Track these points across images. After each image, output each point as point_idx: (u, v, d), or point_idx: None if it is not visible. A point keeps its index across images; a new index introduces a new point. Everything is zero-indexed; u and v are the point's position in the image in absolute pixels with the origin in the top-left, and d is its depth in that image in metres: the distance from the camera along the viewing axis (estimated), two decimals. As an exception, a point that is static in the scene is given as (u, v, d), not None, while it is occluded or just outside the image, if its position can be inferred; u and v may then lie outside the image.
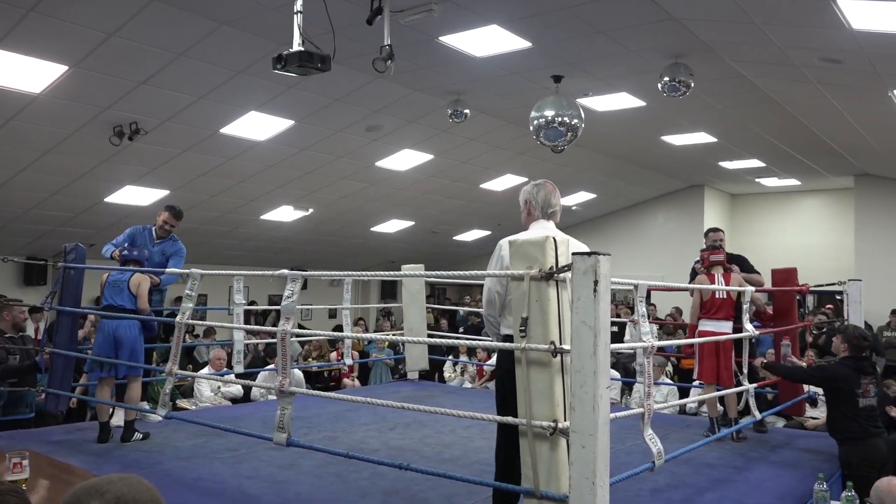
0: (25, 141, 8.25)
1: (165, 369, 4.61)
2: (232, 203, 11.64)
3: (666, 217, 16.47)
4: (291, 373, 4.21)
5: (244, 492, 3.95)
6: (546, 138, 7.85)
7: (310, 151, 10.07)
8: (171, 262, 5.98)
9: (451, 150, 11.01)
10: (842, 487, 4.07)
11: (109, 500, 1.22)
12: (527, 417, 2.79)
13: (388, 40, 5.65)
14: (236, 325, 5.50)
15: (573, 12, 6.19)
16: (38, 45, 6.40)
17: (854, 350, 4.87)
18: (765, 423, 5.83)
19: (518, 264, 2.87)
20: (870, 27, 5.67)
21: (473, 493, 3.86)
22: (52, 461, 4.23)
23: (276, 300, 9.72)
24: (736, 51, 7.07)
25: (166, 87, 7.52)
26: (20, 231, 11.14)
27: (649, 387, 3.47)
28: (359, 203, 12.87)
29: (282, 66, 4.97)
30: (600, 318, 2.57)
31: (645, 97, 8.70)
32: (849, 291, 6.06)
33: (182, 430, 5.28)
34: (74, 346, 5.64)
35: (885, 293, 12.04)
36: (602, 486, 2.56)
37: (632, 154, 12.55)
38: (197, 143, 9.11)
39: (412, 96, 8.68)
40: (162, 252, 5.97)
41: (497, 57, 7.37)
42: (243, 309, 5.97)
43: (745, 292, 5.22)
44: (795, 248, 14.40)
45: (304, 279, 4.00)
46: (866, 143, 10.45)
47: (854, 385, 4.72)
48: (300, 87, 7.83)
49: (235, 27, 6.47)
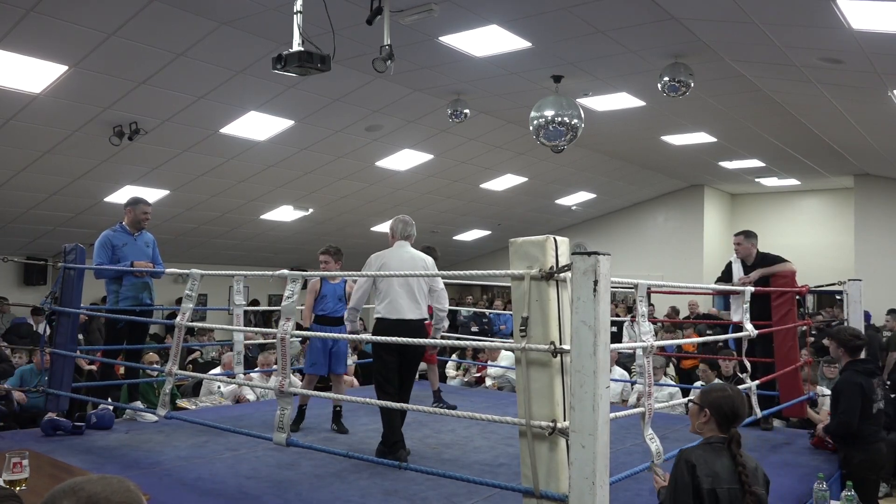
0: (25, 141, 8.25)
1: (165, 369, 4.61)
2: (232, 203, 11.65)
3: (666, 217, 16.48)
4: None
5: (244, 492, 3.95)
6: (546, 138, 7.84)
7: (310, 151, 10.07)
8: (155, 252, 5.97)
9: (450, 150, 11.02)
10: (841, 487, 4.07)
11: (82, 498, 1.25)
12: (526, 417, 2.79)
13: (388, 40, 5.66)
14: (236, 328, 5.50)
15: (573, 12, 6.19)
16: (38, 45, 6.40)
17: (852, 352, 4.85)
18: (770, 421, 5.83)
19: (518, 264, 2.87)
20: (870, 27, 5.68)
21: (473, 493, 3.86)
22: (52, 461, 4.23)
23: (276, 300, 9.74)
24: (736, 51, 7.07)
25: (166, 87, 7.52)
26: (20, 231, 11.15)
27: (650, 387, 3.47)
28: (359, 203, 12.88)
29: (282, 66, 4.97)
30: (600, 317, 2.57)
31: (645, 97, 8.70)
32: (849, 291, 6.05)
33: (182, 430, 5.28)
34: (74, 346, 5.63)
35: (885, 293, 12.04)
36: (602, 486, 2.56)
37: (632, 154, 12.55)
38: (197, 143, 9.11)
39: (412, 96, 8.69)
40: (146, 243, 5.94)
41: (497, 57, 7.37)
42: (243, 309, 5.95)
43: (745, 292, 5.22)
44: (795, 248, 14.37)
45: (304, 279, 4.00)
46: (866, 143, 10.46)
47: (870, 392, 4.69)
48: (300, 87, 7.83)
49: (235, 27, 6.47)
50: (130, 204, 5.95)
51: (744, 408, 2.98)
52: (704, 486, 2.73)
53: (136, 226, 5.86)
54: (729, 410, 2.90)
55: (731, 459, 2.81)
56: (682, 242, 16.06)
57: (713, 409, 2.92)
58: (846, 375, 4.77)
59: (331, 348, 5.55)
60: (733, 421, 2.90)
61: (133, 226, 5.86)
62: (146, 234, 5.98)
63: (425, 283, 4.87)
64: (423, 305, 4.85)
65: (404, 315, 4.70)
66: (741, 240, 6.19)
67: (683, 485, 2.77)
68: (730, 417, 2.90)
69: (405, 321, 4.67)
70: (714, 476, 2.75)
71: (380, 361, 4.80)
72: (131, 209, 5.89)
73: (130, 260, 5.70)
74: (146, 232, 5.99)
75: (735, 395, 2.98)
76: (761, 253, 6.18)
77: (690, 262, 15.60)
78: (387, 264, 4.81)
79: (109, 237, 5.78)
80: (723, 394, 2.98)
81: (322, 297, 5.55)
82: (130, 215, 5.87)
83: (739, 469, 2.76)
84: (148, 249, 5.90)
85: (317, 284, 5.59)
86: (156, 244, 6.04)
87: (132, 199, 6.04)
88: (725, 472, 2.77)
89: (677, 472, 2.82)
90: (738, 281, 6.05)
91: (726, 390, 3.01)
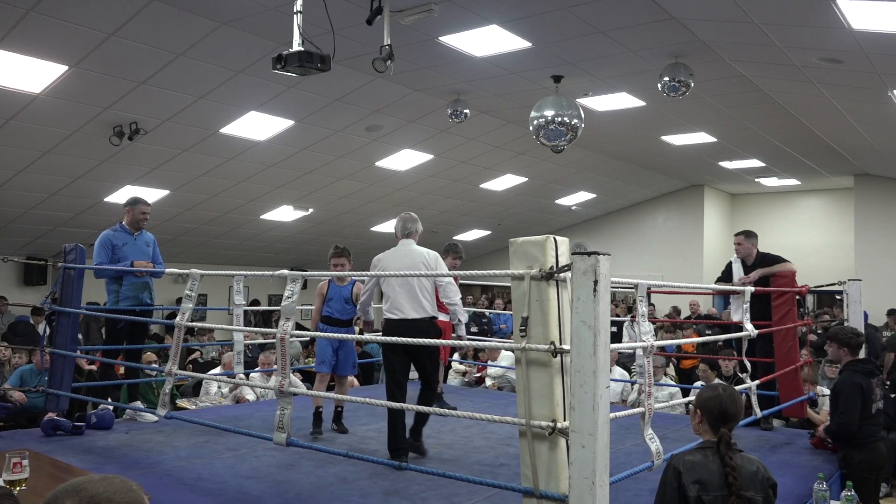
0: (25, 141, 8.26)
1: (165, 369, 4.61)
2: (232, 203, 11.65)
3: (666, 217, 16.48)
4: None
5: (244, 492, 3.94)
6: (546, 138, 7.84)
7: (310, 151, 10.07)
8: (155, 252, 5.97)
9: (450, 150, 11.02)
10: (841, 487, 4.07)
11: (84, 498, 1.25)
12: (526, 417, 2.79)
13: (388, 40, 5.66)
14: (236, 328, 5.49)
15: (573, 12, 6.19)
16: (38, 45, 6.40)
17: (853, 350, 4.85)
18: (770, 420, 5.83)
19: (518, 264, 2.87)
20: (870, 27, 5.67)
21: (473, 493, 3.86)
22: (52, 461, 4.22)
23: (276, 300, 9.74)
24: (736, 51, 7.07)
25: (166, 87, 7.52)
26: (20, 231, 11.15)
27: (649, 387, 3.46)
28: (359, 203, 12.88)
29: (282, 66, 4.97)
30: (600, 318, 2.57)
31: (645, 97, 8.70)
32: (849, 291, 6.04)
33: (182, 430, 5.28)
34: (74, 346, 5.63)
35: (885, 293, 12.05)
36: (602, 486, 2.55)
37: (632, 154, 12.55)
38: (197, 143, 9.11)
39: (412, 96, 8.69)
40: (146, 243, 5.94)
41: (497, 57, 7.37)
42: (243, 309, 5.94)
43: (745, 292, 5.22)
44: (795, 247, 14.39)
45: (304, 279, 4.00)
46: (866, 143, 10.46)
47: (869, 392, 4.69)
48: (300, 87, 7.83)
49: (235, 27, 6.47)
50: (129, 204, 5.95)
51: (734, 407, 2.85)
52: (691, 494, 2.67)
53: (136, 226, 5.86)
54: (717, 410, 2.84)
55: (720, 462, 2.73)
56: (681, 242, 16.05)
57: (703, 410, 2.88)
58: (846, 375, 4.77)
59: (337, 349, 5.53)
60: (723, 421, 2.83)
61: (132, 226, 5.86)
62: (146, 233, 5.98)
63: (428, 279, 4.81)
64: (428, 302, 4.76)
65: (406, 314, 4.68)
66: (742, 240, 6.18)
67: (671, 492, 2.72)
68: (718, 417, 2.83)
69: (408, 320, 4.65)
70: (701, 483, 2.68)
71: (386, 361, 4.85)
72: (130, 209, 5.89)
73: (130, 260, 5.70)
74: (146, 231, 5.99)
75: (725, 394, 2.89)
76: (761, 253, 6.18)
77: (690, 262, 15.61)
78: (384, 265, 4.81)
79: (109, 237, 5.78)
80: (711, 393, 2.92)
81: (329, 299, 5.49)
82: (129, 215, 5.87)
83: (727, 472, 2.68)
84: (148, 249, 5.90)
85: (324, 288, 5.52)
86: (156, 244, 6.04)
87: (131, 199, 6.04)
88: (716, 477, 2.70)
89: (665, 480, 2.77)
90: (738, 281, 6.05)
91: (716, 389, 2.95)
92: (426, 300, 4.75)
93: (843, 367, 4.89)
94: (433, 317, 4.82)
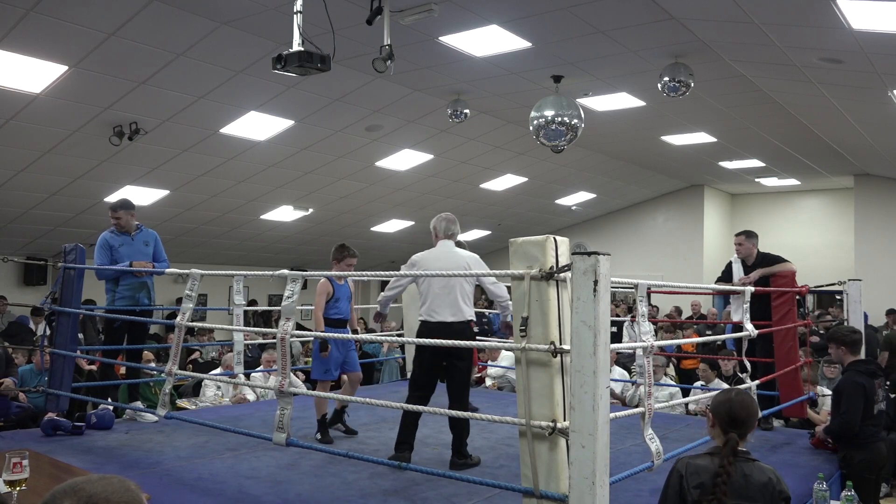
0: (25, 141, 8.25)
1: (165, 369, 4.61)
2: (232, 203, 11.65)
3: (666, 217, 16.48)
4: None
5: (244, 492, 3.94)
6: (546, 138, 7.84)
7: (310, 151, 10.07)
8: (157, 249, 5.95)
9: (450, 150, 11.02)
10: (841, 487, 4.07)
11: (82, 498, 1.25)
12: (526, 417, 2.79)
13: (388, 40, 5.66)
14: (236, 328, 5.49)
15: (573, 12, 6.19)
16: (38, 45, 6.40)
17: (852, 347, 4.85)
18: (770, 420, 5.82)
19: (518, 264, 2.87)
20: (870, 27, 5.67)
21: (473, 493, 3.86)
22: (52, 461, 4.22)
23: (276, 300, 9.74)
24: (736, 51, 7.07)
25: (166, 87, 7.52)
26: (20, 231, 11.14)
27: (650, 387, 3.46)
28: (359, 203, 12.88)
29: (282, 66, 4.97)
30: (600, 318, 2.57)
31: (645, 97, 8.70)
32: (849, 291, 6.04)
33: (182, 430, 5.28)
34: (74, 346, 5.63)
35: (885, 293, 12.04)
36: (602, 486, 2.55)
37: (632, 154, 12.55)
38: (197, 143, 9.11)
39: (412, 96, 8.68)
40: (145, 242, 5.92)
41: (497, 57, 7.37)
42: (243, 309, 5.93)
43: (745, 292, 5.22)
44: (795, 247, 14.40)
45: (304, 279, 4.00)
46: (866, 143, 10.46)
47: (871, 392, 4.69)
48: (300, 87, 7.83)
49: (235, 27, 6.47)
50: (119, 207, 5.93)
51: (745, 413, 2.81)
52: (691, 499, 2.68)
53: (121, 228, 5.84)
54: (726, 415, 2.82)
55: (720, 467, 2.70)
56: (681, 242, 16.05)
57: (715, 414, 2.87)
58: (848, 376, 4.76)
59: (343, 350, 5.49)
60: (733, 426, 2.81)
61: (119, 228, 5.84)
62: (147, 231, 5.96)
63: (469, 282, 4.70)
64: (467, 307, 4.69)
65: (444, 318, 4.60)
66: (742, 240, 6.18)
67: (673, 494, 2.75)
68: (728, 422, 2.81)
69: (445, 324, 4.58)
70: (701, 488, 2.68)
71: (415, 362, 4.84)
72: (119, 215, 5.86)
73: (128, 260, 5.70)
74: (147, 230, 5.98)
75: (736, 399, 2.86)
76: (762, 253, 6.18)
77: (690, 262, 15.60)
78: (424, 265, 4.70)
79: (107, 238, 5.80)
80: (724, 398, 2.91)
81: (336, 299, 5.38)
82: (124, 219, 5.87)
83: (718, 479, 2.64)
84: (147, 248, 5.88)
85: (328, 286, 5.36)
86: (158, 240, 6.01)
87: (120, 203, 5.98)
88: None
89: (669, 482, 2.79)
90: (738, 281, 6.05)
91: (729, 394, 2.94)
92: (465, 304, 4.69)
93: (846, 368, 4.89)
94: (470, 320, 4.77)
